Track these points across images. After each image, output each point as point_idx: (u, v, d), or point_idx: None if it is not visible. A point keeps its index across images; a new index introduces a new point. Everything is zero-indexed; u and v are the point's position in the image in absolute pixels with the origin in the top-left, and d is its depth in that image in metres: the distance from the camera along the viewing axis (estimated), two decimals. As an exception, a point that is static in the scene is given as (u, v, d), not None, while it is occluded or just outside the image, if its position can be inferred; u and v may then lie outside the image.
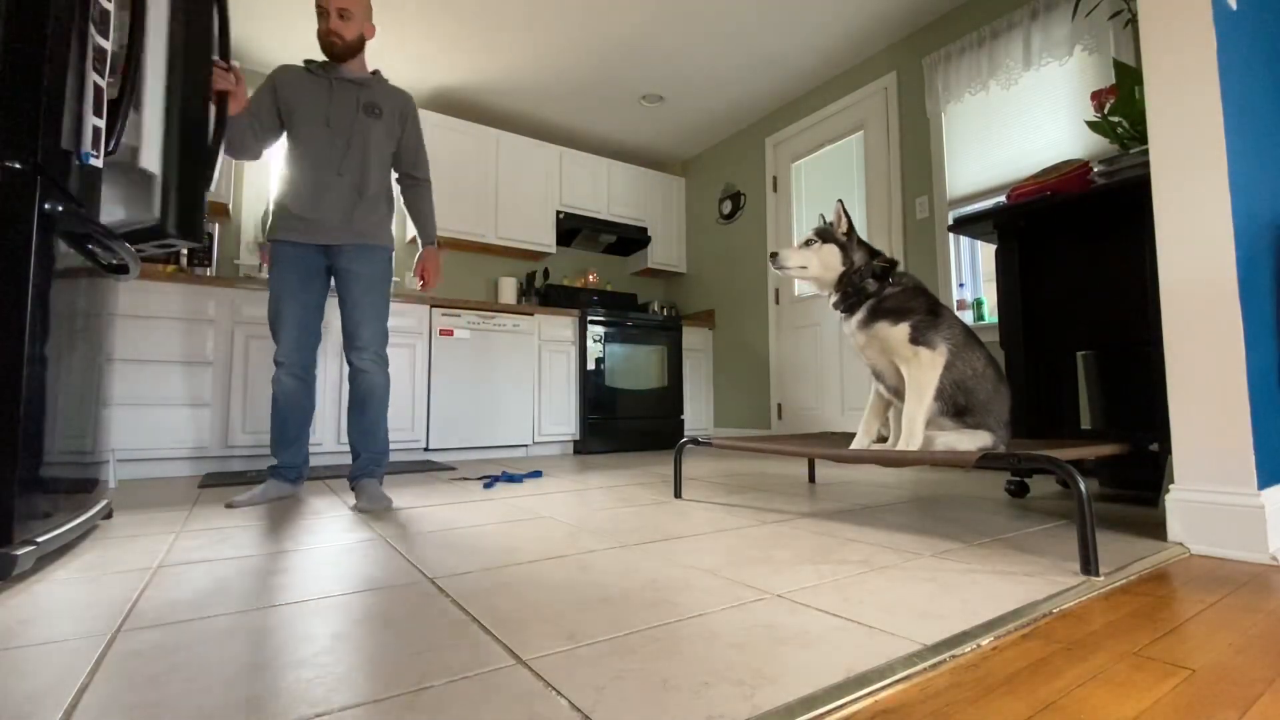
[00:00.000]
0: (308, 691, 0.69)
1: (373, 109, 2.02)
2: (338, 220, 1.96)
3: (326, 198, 1.95)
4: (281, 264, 1.95)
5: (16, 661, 0.78)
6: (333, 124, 1.97)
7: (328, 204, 1.95)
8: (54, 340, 1.22)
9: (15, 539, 1.08)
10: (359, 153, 1.99)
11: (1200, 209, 1.34)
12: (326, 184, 1.96)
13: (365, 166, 2.00)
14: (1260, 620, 0.92)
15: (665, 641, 0.83)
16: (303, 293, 1.97)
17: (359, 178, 1.99)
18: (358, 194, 1.99)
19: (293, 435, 2.01)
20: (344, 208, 1.97)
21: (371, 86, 2.04)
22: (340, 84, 2.00)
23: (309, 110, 1.97)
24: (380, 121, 2.03)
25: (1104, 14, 2.49)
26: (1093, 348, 1.97)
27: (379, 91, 2.05)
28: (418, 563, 1.25)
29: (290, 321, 1.95)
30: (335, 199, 1.96)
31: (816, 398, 3.80)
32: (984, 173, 2.99)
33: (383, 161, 2.07)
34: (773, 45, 3.45)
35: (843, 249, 1.66)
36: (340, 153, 1.97)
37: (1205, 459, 1.32)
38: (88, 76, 1.29)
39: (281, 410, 1.98)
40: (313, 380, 2.03)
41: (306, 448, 2.08)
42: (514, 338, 3.71)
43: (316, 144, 1.96)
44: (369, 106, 2.01)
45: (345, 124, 1.98)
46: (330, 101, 1.98)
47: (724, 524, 1.63)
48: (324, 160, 1.96)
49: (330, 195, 1.96)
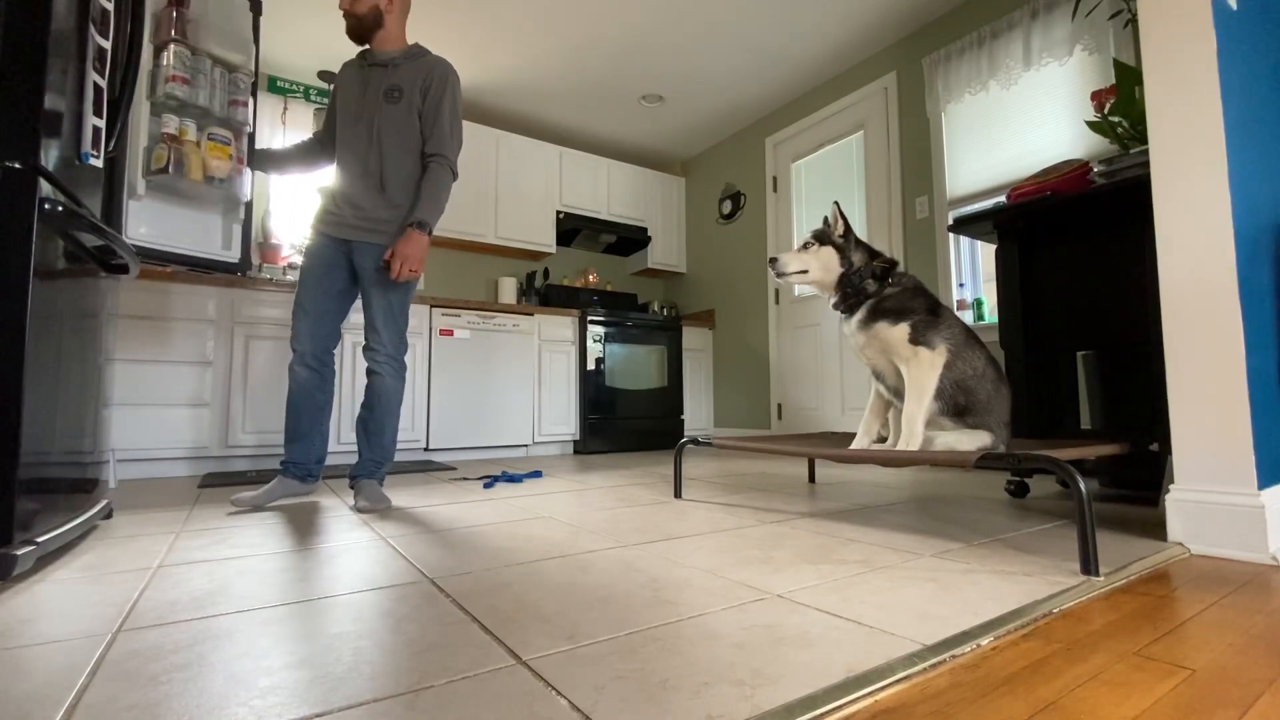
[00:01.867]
0: (308, 691, 0.69)
1: (393, 92, 1.91)
2: (354, 215, 1.91)
3: (348, 191, 1.92)
4: (308, 253, 1.94)
5: (16, 661, 0.78)
6: (356, 113, 1.93)
7: (348, 197, 1.92)
8: (54, 340, 1.22)
9: (15, 539, 1.09)
10: (378, 143, 1.91)
11: (1200, 209, 1.34)
12: (351, 176, 1.93)
13: (383, 157, 1.91)
14: (1260, 620, 0.92)
15: (665, 641, 0.83)
16: (324, 279, 1.92)
17: (378, 170, 1.92)
18: (379, 188, 1.92)
19: (304, 429, 1.92)
20: (363, 202, 1.91)
21: (399, 66, 1.94)
22: (372, 70, 1.94)
23: (346, 103, 1.96)
24: (399, 105, 1.91)
25: (1104, 14, 2.49)
26: (1093, 348, 1.97)
27: (405, 70, 1.94)
28: (418, 563, 1.25)
29: (306, 307, 1.90)
30: (355, 192, 1.92)
31: (816, 398, 3.80)
32: (984, 173, 2.99)
33: (405, 148, 1.93)
34: (773, 45, 3.45)
35: (840, 251, 1.66)
36: (365, 145, 1.92)
37: (1205, 459, 1.32)
38: (88, 76, 1.29)
39: (294, 401, 1.91)
40: (329, 374, 1.95)
41: (322, 446, 1.98)
42: (514, 338, 3.71)
43: (347, 136, 1.94)
44: (390, 91, 1.92)
45: (368, 112, 1.92)
46: (363, 90, 1.94)
47: (724, 524, 1.63)
48: (352, 154, 1.93)
49: (352, 188, 1.92)
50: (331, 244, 1.93)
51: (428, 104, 1.93)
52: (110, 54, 1.41)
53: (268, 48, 3.45)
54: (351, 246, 1.94)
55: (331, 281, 1.93)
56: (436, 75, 1.94)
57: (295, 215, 3.77)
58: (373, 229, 1.92)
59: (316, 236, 1.94)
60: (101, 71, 1.36)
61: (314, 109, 3.67)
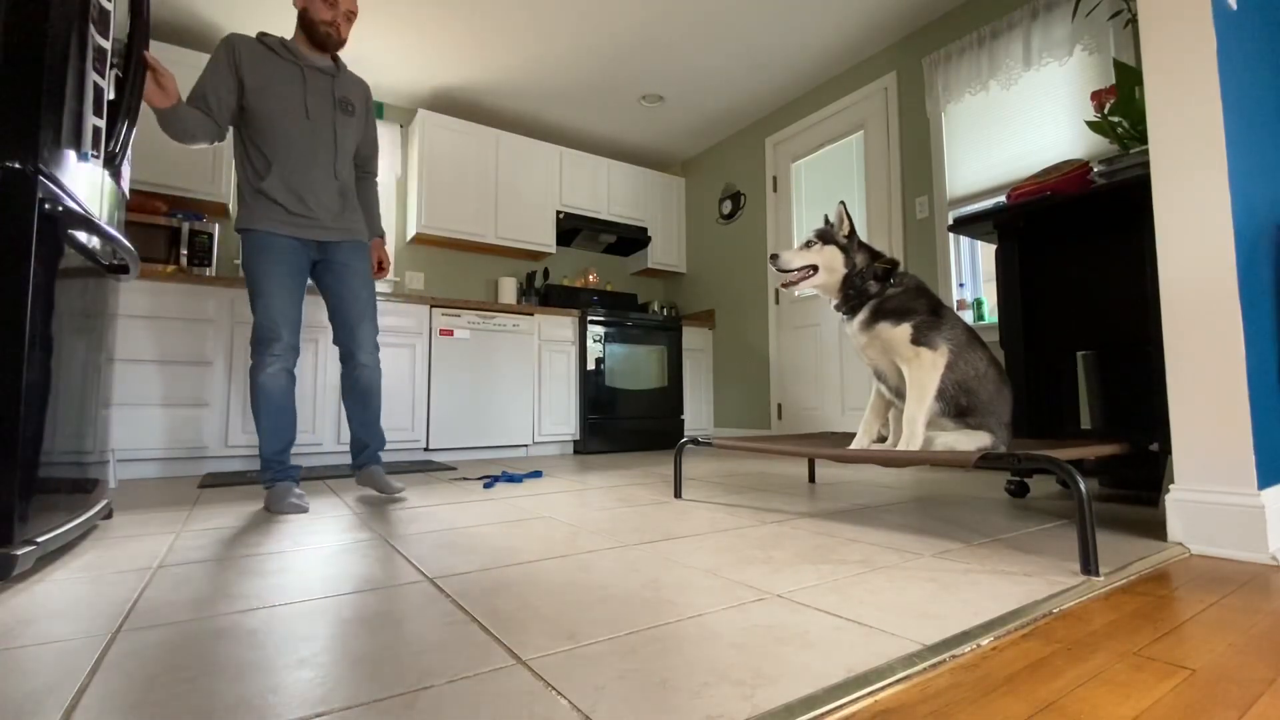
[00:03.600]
0: (308, 691, 0.69)
1: (346, 105, 2.03)
2: (329, 217, 1.98)
3: (316, 193, 1.94)
4: (270, 254, 1.87)
5: (16, 661, 0.78)
6: (312, 116, 1.94)
7: (319, 199, 1.95)
8: (54, 340, 1.22)
9: (15, 539, 1.08)
10: (339, 149, 2.00)
11: (1200, 209, 1.34)
12: (314, 179, 1.94)
13: (344, 163, 2.03)
14: (1260, 620, 0.92)
15: (665, 641, 0.83)
16: (294, 286, 1.92)
17: (342, 174, 2.02)
18: (341, 191, 2.02)
19: (293, 433, 1.96)
20: (334, 204, 1.99)
21: (340, 78, 2.03)
22: (312, 73, 1.96)
23: (283, 96, 1.90)
24: (354, 118, 2.05)
25: (1104, 14, 2.49)
26: (1093, 348, 1.97)
27: (347, 83, 2.05)
28: (418, 563, 1.25)
29: (286, 315, 1.89)
30: (326, 195, 1.97)
31: (816, 398, 3.80)
32: (984, 173, 2.99)
33: (351, 157, 2.08)
34: (773, 45, 3.45)
35: (844, 251, 1.65)
36: (326, 148, 1.97)
37: (1205, 459, 1.32)
38: (88, 76, 1.29)
39: (284, 406, 1.91)
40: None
41: None
42: (514, 338, 3.71)
43: (295, 134, 1.91)
44: (343, 102, 2.02)
45: (325, 118, 1.97)
46: (306, 91, 1.94)
47: (724, 524, 1.63)
48: (307, 154, 1.93)
49: (320, 191, 1.95)
50: (294, 245, 1.93)
51: (369, 123, 2.15)
52: (110, 54, 1.41)
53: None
54: (326, 246, 2.00)
55: (299, 288, 1.95)
56: (369, 96, 2.15)
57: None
58: (349, 229, 2.04)
59: (273, 239, 1.89)
60: (101, 71, 1.36)
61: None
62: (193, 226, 3.11)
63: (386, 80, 3.81)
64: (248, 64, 1.87)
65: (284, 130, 1.90)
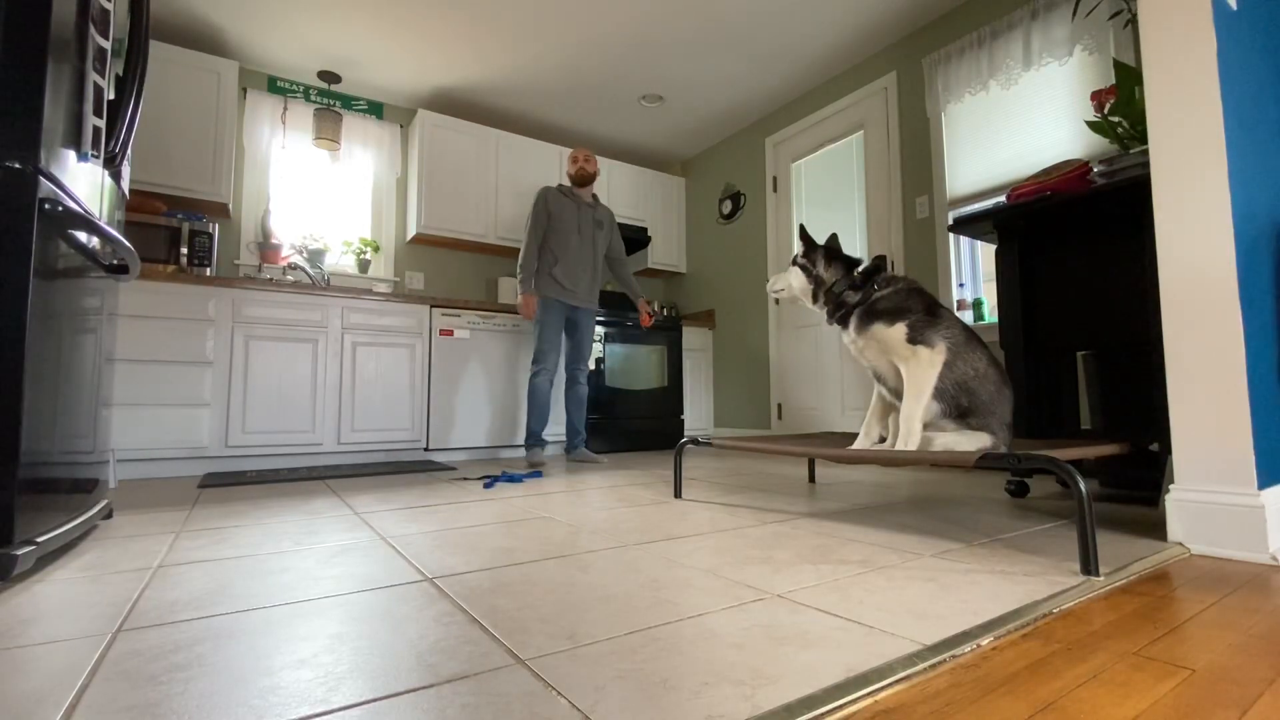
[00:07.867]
0: (308, 691, 0.70)
1: (600, 225, 3.31)
2: (584, 294, 3.24)
3: (580, 279, 3.21)
4: (551, 311, 3.13)
5: (16, 661, 0.78)
6: (582, 234, 3.22)
7: (580, 283, 3.21)
8: (55, 340, 1.22)
9: (15, 539, 1.09)
10: (596, 253, 3.29)
11: (1200, 208, 1.34)
12: (580, 271, 3.21)
13: (597, 261, 3.31)
14: (1260, 620, 0.92)
15: (665, 641, 0.83)
16: (561, 329, 3.18)
17: (595, 268, 3.29)
18: (593, 278, 3.28)
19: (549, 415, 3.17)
20: (588, 286, 3.25)
21: (596, 208, 3.32)
22: (583, 206, 3.26)
23: (567, 221, 3.18)
24: (603, 233, 3.33)
25: (1104, 14, 2.49)
26: (1093, 348, 1.97)
27: (599, 212, 3.33)
28: (418, 563, 1.25)
29: (553, 347, 3.13)
30: (585, 281, 3.24)
31: (816, 398, 3.80)
32: (984, 173, 2.99)
33: (603, 255, 3.38)
34: (773, 45, 3.45)
35: (805, 270, 1.78)
36: (588, 253, 3.25)
37: (1205, 459, 1.32)
38: (88, 76, 1.29)
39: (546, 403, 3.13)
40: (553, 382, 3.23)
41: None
42: (514, 338, 3.71)
43: (572, 244, 3.18)
44: (597, 223, 3.30)
45: (589, 235, 3.26)
46: (579, 218, 3.22)
47: (724, 524, 1.63)
48: (578, 256, 3.20)
49: (583, 278, 3.22)
50: (562, 308, 3.17)
51: (615, 234, 3.45)
52: (110, 54, 1.41)
53: (267, 47, 3.45)
54: (577, 310, 3.25)
55: (561, 328, 3.20)
56: (613, 218, 3.43)
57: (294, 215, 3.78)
58: (590, 300, 3.29)
59: (553, 303, 3.13)
60: (102, 71, 1.36)
61: (314, 109, 3.67)
62: (193, 226, 3.12)
63: (386, 80, 3.81)
64: (553, 203, 3.18)
65: (565, 241, 3.17)
